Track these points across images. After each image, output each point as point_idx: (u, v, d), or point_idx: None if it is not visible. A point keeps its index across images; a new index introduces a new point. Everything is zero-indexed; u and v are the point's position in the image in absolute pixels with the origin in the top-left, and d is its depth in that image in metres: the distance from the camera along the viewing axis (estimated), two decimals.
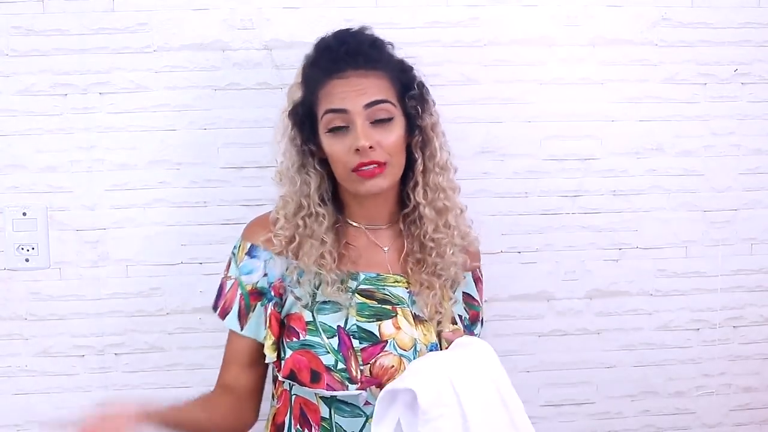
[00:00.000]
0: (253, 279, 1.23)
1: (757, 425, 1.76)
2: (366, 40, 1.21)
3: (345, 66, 1.17)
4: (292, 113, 1.23)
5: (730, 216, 1.70)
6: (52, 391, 1.56)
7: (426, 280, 1.24)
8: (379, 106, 1.16)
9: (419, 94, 1.22)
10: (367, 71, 1.18)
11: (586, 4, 1.61)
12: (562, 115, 1.63)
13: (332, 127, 1.17)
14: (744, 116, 1.67)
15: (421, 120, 1.22)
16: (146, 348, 1.57)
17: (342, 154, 1.16)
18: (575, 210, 1.65)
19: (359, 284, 1.23)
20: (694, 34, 1.64)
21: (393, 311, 1.22)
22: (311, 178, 1.22)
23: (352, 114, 1.15)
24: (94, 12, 1.50)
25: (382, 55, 1.22)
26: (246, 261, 1.24)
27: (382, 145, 1.16)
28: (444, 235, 1.24)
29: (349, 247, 1.25)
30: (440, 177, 1.24)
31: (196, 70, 1.53)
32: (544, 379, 1.68)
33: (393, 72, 1.21)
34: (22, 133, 1.52)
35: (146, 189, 1.55)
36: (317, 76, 1.19)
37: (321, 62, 1.20)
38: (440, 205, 1.24)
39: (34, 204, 1.53)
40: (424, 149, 1.23)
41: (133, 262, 1.56)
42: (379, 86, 1.18)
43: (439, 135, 1.24)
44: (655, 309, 1.70)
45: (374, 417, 1.07)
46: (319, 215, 1.21)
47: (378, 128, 1.17)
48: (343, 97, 1.16)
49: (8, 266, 1.54)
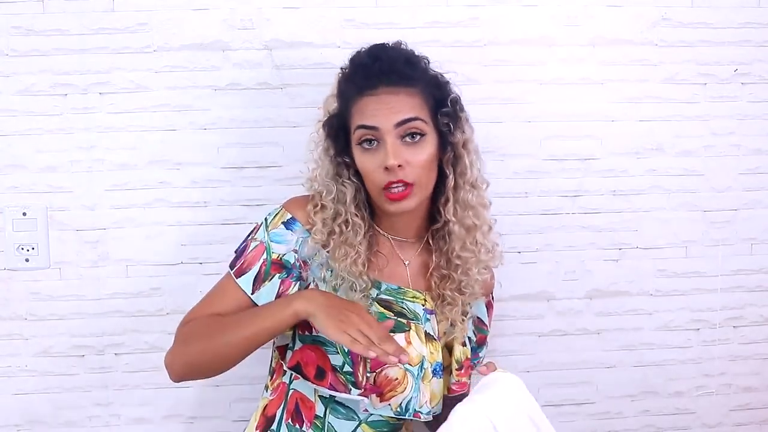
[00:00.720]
0: (281, 249, 1.22)
1: (757, 425, 1.76)
2: (400, 56, 1.21)
3: (377, 83, 1.17)
4: (327, 124, 1.24)
5: (730, 216, 1.70)
6: (52, 391, 1.56)
7: (449, 296, 1.26)
8: (410, 124, 1.16)
9: (452, 110, 1.22)
10: (399, 88, 1.17)
11: (586, 4, 1.61)
12: (562, 115, 1.63)
13: (363, 140, 1.18)
14: (744, 116, 1.67)
15: (453, 137, 1.22)
16: (146, 348, 1.57)
17: (371, 171, 1.17)
18: (575, 210, 1.65)
19: (380, 293, 1.24)
20: (694, 34, 1.64)
21: (407, 326, 1.23)
22: (346, 188, 1.22)
23: (383, 132, 1.16)
24: (94, 12, 1.50)
25: (416, 72, 1.20)
26: (280, 229, 1.23)
27: (411, 163, 1.16)
28: (471, 254, 1.25)
29: (378, 255, 1.26)
30: (470, 194, 1.24)
31: (196, 70, 1.53)
32: (544, 379, 1.68)
33: (427, 88, 1.20)
34: (22, 133, 1.52)
35: (146, 189, 1.55)
36: (351, 91, 1.20)
37: (355, 78, 1.20)
38: (469, 222, 1.24)
39: (34, 204, 1.53)
40: (455, 166, 1.23)
41: (133, 262, 1.56)
42: (411, 104, 1.17)
43: (470, 152, 1.24)
44: (655, 309, 1.70)
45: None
46: (356, 225, 1.21)
47: (409, 146, 1.17)
48: (374, 114, 1.16)
49: (8, 266, 1.54)
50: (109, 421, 1.58)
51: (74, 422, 1.57)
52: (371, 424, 1.23)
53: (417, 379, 1.22)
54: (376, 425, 1.24)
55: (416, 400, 1.22)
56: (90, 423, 1.58)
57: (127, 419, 1.59)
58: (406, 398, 1.21)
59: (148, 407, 1.59)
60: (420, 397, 1.22)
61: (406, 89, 1.17)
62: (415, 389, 1.21)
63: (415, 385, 1.22)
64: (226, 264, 1.27)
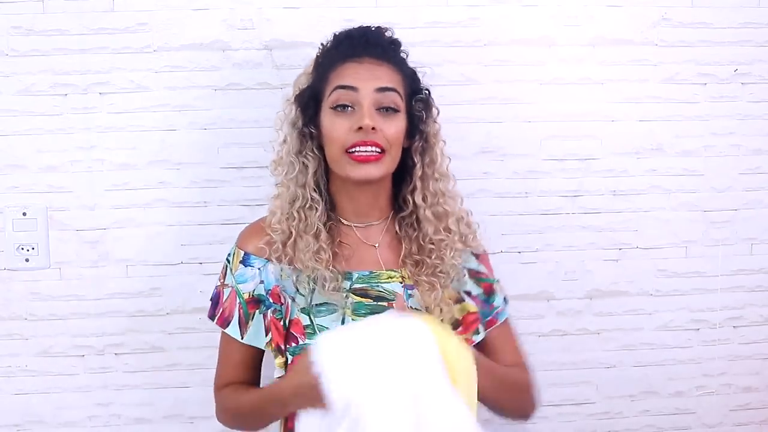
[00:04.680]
0: (249, 287, 1.24)
1: (757, 425, 1.76)
2: (387, 38, 1.25)
3: (362, 52, 1.20)
4: (298, 97, 1.25)
5: (730, 216, 1.70)
6: (52, 391, 1.56)
7: (426, 281, 1.24)
8: (389, 93, 1.18)
9: (426, 99, 1.25)
10: (383, 62, 1.20)
11: (586, 4, 1.61)
12: (562, 115, 1.63)
13: (338, 105, 1.18)
14: (744, 116, 1.67)
15: (425, 125, 1.23)
16: (146, 348, 1.57)
17: (342, 132, 1.17)
18: (575, 210, 1.65)
19: (353, 283, 1.23)
20: (694, 34, 1.64)
21: (389, 307, 1.22)
22: (308, 161, 1.22)
23: (361, 94, 1.17)
24: (94, 12, 1.50)
25: (398, 55, 1.24)
26: (240, 270, 1.24)
27: (385, 133, 1.17)
28: (444, 238, 1.24)
29: (342, 245, 1.25)
30: (440, 183, 1.24)
31: (196, 70, 1.53)
32: (544, 379, 1.67)
33: (406, 73, 1.24)
34: (22, 133, 1.52)
35: (146, 189, 1.55)
36: (332, 58, 1.22)
37: (339, 47, 1.23)
38: (440, 209, 1.24)
39: (34, 204, 1.53)
40: (423, 155, 1.24)
41: (133, 262, 1.56)
42: (392, 77, 1.20)
43: (440, 143, 1.26)
44: (655, 309, 1.70)
45: None
46: (314, 202, 1.21)
47: (383, 116, 1.18)
48: (355, 77, 1.18)
49: (8, 266, 1.54)
50: (109, 421, 1.58)
51: (74, 422, 1.57)
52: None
53: None
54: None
55: None
56: (90, 423, 1.58)
57: (127, 419, 1.59)
58: None
59: (148, 407, 1.59)
60: None
61: (389, 65, 1.21)
62: None
63: None
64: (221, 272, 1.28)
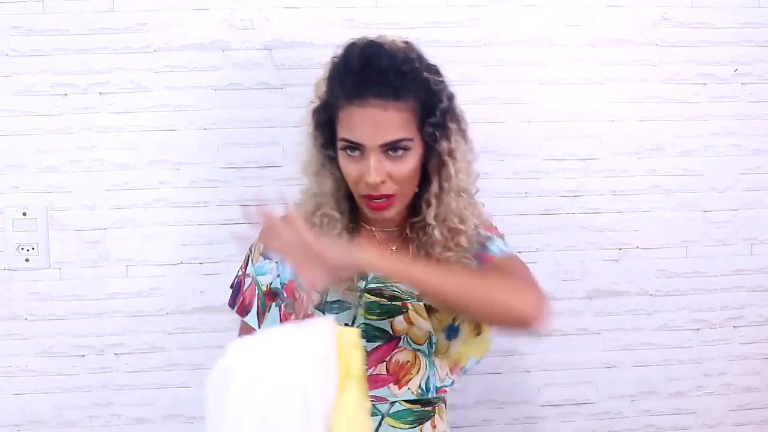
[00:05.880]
0: (267, 280, 1.24)
1: (757, 425, 1.76)
2: (393, 66, 1.15)
3: (365, 92, 1.13)
4: (315, 113, 1.22)
5: (730, 216, 1.70)
6: (52, 391, 1.56)
7: None
8: (395, 144, 1.14)
9: (440, 120, 1.18)
10: (389, 102, 1.13)
11: (586, 4, 1.61)
12: (562, 115, 1.63)
13: (347, 148, 1.15)
14: (744, 116, 1.67)
15: (438, 146, 1.19)
16: (146, 348, 1.57)
17: (353, 177, 1.16)
18: (575, 210, 1.65)
19: (368, 283, 1.24)
20: (694, 34, 1.64)
21: (404, 307, 1.22)
22: (329, 181, 1.21)
23: (367, 149, 1.14)
24: (94, 12, 1.50)
25: (408, 82, 1.15)
26: (260, 261, 1.25)
27: (394, 176, 1.14)
28: (452, 255, 1.22)
29: (360, 245, 1.25)
30: (454, 202, 1.21)
31: (196, 70, 1.53)
32: (544, 379, 1.68)
33: (418, 96, 1.16)
34: (22, 133, 1.52)
35: (146, 189, 1.55)
36: (339, 93, 1.16)
37: (344, 82, 1.15)
38: (452, 226, 1.22)
39: (34, 204, 1.53)
40: (440, 173, 1.21)
41: (133, 262, 1.56)
42: (399, 121, 1.14)
43: (457, 160, 1.20)
44: (655, 309, 1.70)
45: None
46: (334, 218, 1.21)
47: (392, 159, 1.14)
48: (360, 130, 1.13)
49: (8, 266, 1.54)
50: (109, 421, 1.58)
51: (74, 422, 1.57)
52: (394, 416, 1.22)
53: (429, 356, 1.22)
54: (400, 416, 1.22)
55: (435, 378, 1.21)
56: (90, 423, 1.58)
57: (127, 419, 1.59)
58: (423, 378, 1.21)
59: (148, 407, 1.59)
60: (438, 373, 1.22)
61: (395, 103, 1.13)
62: (430, 366, 1.21)
63: (428, 362, 1.21)
64: (227, 264, 1.28)
